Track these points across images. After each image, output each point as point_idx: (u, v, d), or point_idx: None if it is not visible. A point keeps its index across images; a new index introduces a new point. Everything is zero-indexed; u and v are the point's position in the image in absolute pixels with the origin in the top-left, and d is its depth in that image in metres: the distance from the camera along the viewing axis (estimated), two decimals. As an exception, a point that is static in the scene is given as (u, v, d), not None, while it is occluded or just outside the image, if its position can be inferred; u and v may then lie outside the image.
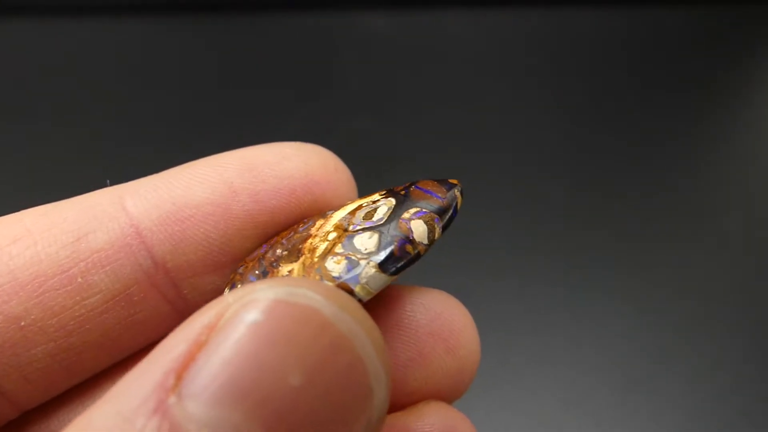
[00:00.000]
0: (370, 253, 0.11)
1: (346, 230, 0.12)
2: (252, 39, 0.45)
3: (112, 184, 0.13)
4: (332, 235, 0.12)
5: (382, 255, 0.11)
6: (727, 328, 0.33)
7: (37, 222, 0.12)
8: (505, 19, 0.46)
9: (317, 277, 0.11)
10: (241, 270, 0.13)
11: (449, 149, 0.40)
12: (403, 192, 0.12)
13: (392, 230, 0.12)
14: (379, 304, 0.13)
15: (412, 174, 0.38)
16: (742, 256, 0.35)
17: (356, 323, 0.09)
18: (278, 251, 0.12)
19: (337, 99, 0.42)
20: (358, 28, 0.46)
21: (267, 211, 0.12)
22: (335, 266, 0.11)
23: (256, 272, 0.12)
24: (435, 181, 0.12)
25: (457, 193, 0.13)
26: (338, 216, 0.12)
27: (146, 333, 0.13)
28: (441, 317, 0.13)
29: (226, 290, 0.13)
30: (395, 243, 0.11)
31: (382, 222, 0.12)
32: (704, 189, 0.39)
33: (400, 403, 0.13)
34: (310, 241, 0.12)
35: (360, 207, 0.12)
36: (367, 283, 0.11)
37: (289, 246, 0.12)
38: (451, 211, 0.12)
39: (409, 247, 0.12)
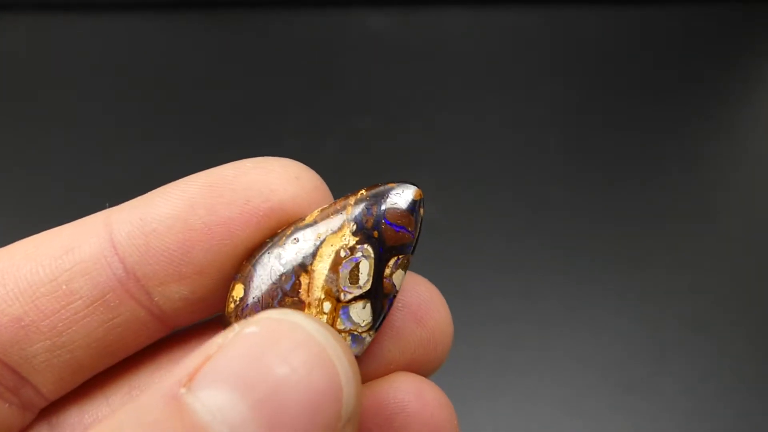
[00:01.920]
0: (368, 324, 0.13)
1: (338, 300, 0.13)
2: (253, 37, 0.45)
3: (112, 205, 0.15)
4: (327, 306, 0.13)
5: (378, 322, 0.13)
6: (727, 328, 0.33)
7: (40, 240, 0.14)
8: (506, 19, 0.46)
9: None
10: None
11: (449, 148, 0.40)
12: (375, 234, 0.13)
13: (380, 294, 0.13)
14: None
15: (411, 173, 0.38)
16: (742, 256, 0.35)
17: (331, 337, 0.11)
18: None
19: (338, 98, 0.42)
20: (359, 27, 0.46)
21: (222, 222, 0.14)
22: None
23: None
24: (397, 212, 0.13)
25: (422, 212, 0.14)
26: (321, 274, 0.13)
27: (128, 335, 0.15)
28: (409, 292, 0.15)
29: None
30: (386, 307, 0.13)
31: (369, 287, 0.13)
32: (705, 189, 0.39)
33: (377, 374, 0.14)
34: (307, 313, 0.13)
35: (338, 253, 0.13)
36: (366, 344, 0.13)
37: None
38: (419, 235, 0.14)
39: (393, 299, 0.13)
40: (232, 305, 0.14)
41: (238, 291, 0.13)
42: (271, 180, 0.14)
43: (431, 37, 0.46)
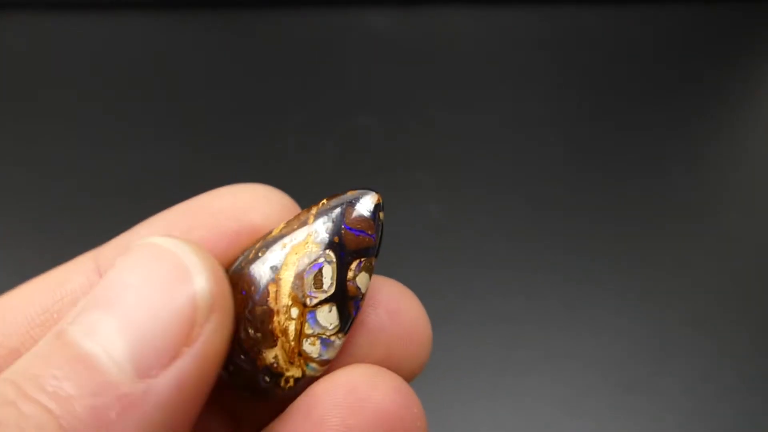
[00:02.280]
0: (335, 327, 0.14)
1: (305, 306, 0.14)
2: (252, 37, 0.45)
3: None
4: (295, 312, 0.14)
5: (347, 325, 0.14)
6: (728, 328, 0.33)
7: (36, 281, 0.15)
8: (507, 17, 0.46)
9: (302, 361, 0.14)
10: None
11: (449, 147, 0.40)
12: (336, 239, 0.14)
13: (344, 297, 0.14)
14: None
15: (411, 172, 0.38)
16: (743, 256, 0.35)
17: (185, 243, 0.12)
18: (250, 331, 0.14)
19: (338, 97, 0.42)
20: (359, 26, 0.46)
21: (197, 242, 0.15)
22: (312, 348, 0.14)
23: (242, 356, 0.14)
24: (357, 218, 0.14)
25: (382, 217, 0.14)
26: (287, 282, 0.14)
27: None
28: (379, 292, 0.15)
29: None
30: (353, 311, 0.14)
31: (333, 290, 0.14)
32: (706, 188, 0.39)
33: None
34: (276, 319, 0.14)
35: (302, 261, 0.14)
36: (336, 347, 0.14)
37: (257, 323, 0.14)
38: (380, 239, 0.14)
39: (360, 302, 0.14)
40: None
41: None
42: (240, 202, 0.15)
43: (432, 36, 0.46)
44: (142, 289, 0.12)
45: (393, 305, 0.15)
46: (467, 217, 0.37)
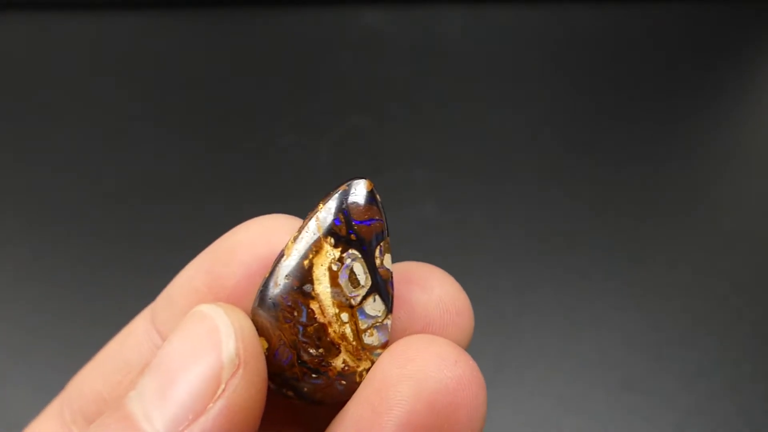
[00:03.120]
0: (384, 312, 0.14)
1: (351, 306, 0.14)
2: (250, 36, 0.45)
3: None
4: (345, 316, 0.14)
5: (390, 306, 0.14)
6: (728, 325, 0.33)
7: (111, 342, 0.18)
8: (504, 16, 0.46)
9: (368, 354, 0.14)
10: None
11: (447, 146, 0.40)
12: (353, 237, 0.14)
13: (381, 282, 0.14)
14: None
15: (408, 171, 0.38)
16: (743, 252, 0.35)
17: (224, 313, 0.14)
18: (311, 351, 0.14)
19: (334, 96, 0.42)
20: (355, 25, 0.46)
21: (218, 279, 0.16)
22: (371, 338, 0.14)
23: (313, 376, 0.15)
24: (359, 208, 0.14)
25: (379, 199, 0.14)
26: (326, 294, 0.14)
27: None
28: (407, 269, 0.16)
29: None
30: (391, 289, 0.14)
31: (369, 282, 0.14)
32: (706, 185, 0.39)
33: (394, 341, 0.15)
34: (331, 330, 0.14)
35: (330, 269, 0.14)
36: (389, 327, 0.15)
37: (315, 341, 0.14)
38: (386, 218, 0.15)
39: (392, 280, 0.15)
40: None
41: (262, 344, 0.15)
42: (257, 233, 0.16)
43: (428, 34, 0.46)
44: (181, 353, 0.13)
45: (424, 280, 0.16)
46: (464, 215, 0.37)
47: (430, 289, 0.15)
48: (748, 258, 0.35)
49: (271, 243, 0.15)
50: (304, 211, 0.15)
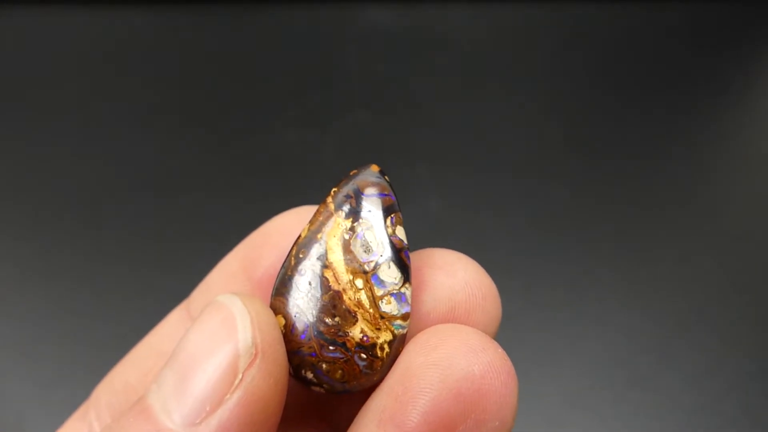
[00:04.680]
0: (401, 279, 0.14)
1: (365, 272, 0.14)
2: (251, 31, 0.45)
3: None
4: (359, 282, 0.14)
5: (407, 275, 0.14)
6: (729, 326, 0.33)
7: (153, 333, 0.18)
8: (506, 13, 0.46)
9: (387, 323, 0.14)
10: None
11: (450, 142, 0.40)
12: (364, 208, 0.15)
13: (395, 250, 0.14)
14: None
15: (411, 167, 0.38)
16: (743, 255, 0.35)
17: (240, 302, 0.13)
18: (327, 320, 0.14)
19: (337, 91, 0.42)
20: (358, 21, 0.46)
21: (255, 260, 0.17)
22: (390, 306, 0.14)
23: (331, 347, 0.15)
24: (368, 182, 0.15)
25: (388, 179, 0.15)
26: (339, 262, 0.14)
27: None
28: (431, 255, 0.16)
29: None
30: (407, 259, 0.15)
31: (383, 248, 0.14)
32: (707, 183, 0.38)
33: (419, 327, 0.15)
34: (346, 297, 0.14)
35: (343, 238, 0.15)
36: (409, 298, 0.15)
37: (331, 309, 0.14)
38: (396, 196, 0.15)
39: (408, 252, 0.15)
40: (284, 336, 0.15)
41: (279, 322, 0.15)
42: (284, 221, 0.17)
43: (432, 30, 0.46)
44: (198, 344, 0.13)
45: (448, 265, 0.15)
46: (468, 211, 0.37)
47: (454, 272, 0.15)
48: (753, 257, 0.35)
49: (301, 228, 0.16)
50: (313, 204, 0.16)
